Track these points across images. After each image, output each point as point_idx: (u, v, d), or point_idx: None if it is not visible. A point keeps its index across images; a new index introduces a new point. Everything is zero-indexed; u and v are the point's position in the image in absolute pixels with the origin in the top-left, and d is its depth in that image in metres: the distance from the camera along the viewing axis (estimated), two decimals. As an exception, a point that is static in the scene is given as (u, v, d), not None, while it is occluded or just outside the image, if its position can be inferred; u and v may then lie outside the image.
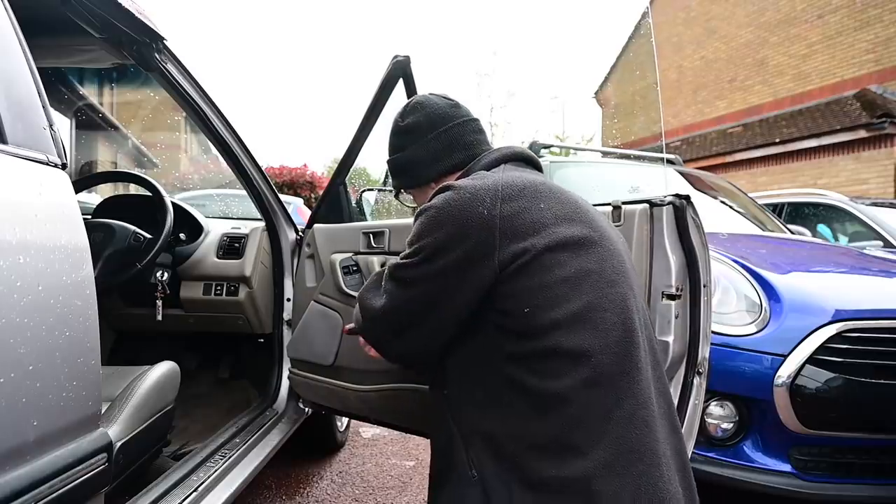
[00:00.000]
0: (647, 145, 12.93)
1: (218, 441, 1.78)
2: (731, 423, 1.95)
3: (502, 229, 0.91)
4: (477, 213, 0.91)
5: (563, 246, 0.92)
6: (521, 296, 0.90)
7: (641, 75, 14.36)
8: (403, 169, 1.19)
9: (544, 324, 0.89)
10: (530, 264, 0.90)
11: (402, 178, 1.20)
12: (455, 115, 1.16)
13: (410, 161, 1.17)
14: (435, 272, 0.94)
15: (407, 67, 1.80)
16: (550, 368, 0.89)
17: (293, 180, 12.21)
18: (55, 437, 0.86)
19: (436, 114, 1.15)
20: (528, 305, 0.90)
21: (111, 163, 9.40)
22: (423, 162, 1.15)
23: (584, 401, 0.88)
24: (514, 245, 0.90)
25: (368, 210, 2.56)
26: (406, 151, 1.17)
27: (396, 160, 1.20)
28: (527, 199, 0.94)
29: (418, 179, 1.17)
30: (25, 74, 0.93)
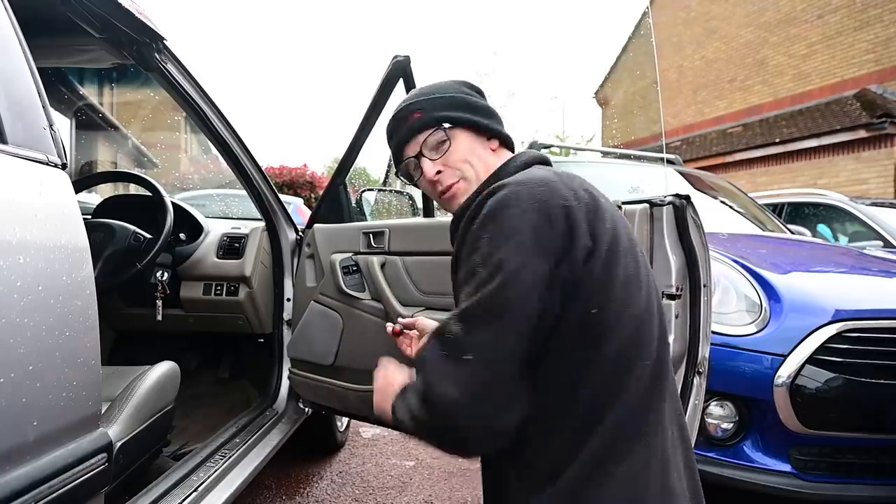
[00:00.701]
0: (647, 145, 12.94)
1: (218, 441, 1.78)
2: (731, 423, 1.95)
3: (580, 217, 0.82)
4: (557, 201, 0.82)
5: (621, 235, 0.87)
6: (592, 293, 0.81)
7: (641, 75, 14.36)
8: (481, 110, 1.05)
9: (609, 326, 0.82)
10: (606, 254, 0.83)
11: (478, 115, 1.04)
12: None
13: (488, 108, 1.06)
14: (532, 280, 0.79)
15: (407, 67, 1.80)
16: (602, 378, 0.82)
17: (293, 180, 12.22)
18: (55, 437, 0.86)
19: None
20: (597, 305, 0.81)
21: (111, 163, 9.39)
22: (500, 120, 1.07)
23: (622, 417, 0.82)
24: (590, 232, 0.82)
25: (368, 210, 2.56)
26: (483, 100, 1.08)
27: (477, 100, 1.06)
28: (588, 187, 0.90)
29: (490, 126, 1.04)
30: (25, 74, 0.93)
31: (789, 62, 11.38)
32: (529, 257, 0.79)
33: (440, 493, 2.45)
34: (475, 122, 1.02)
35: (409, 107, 1.05)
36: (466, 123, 1.02)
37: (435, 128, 1.01)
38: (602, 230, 0.84)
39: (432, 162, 1.02)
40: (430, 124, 1.02)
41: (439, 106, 1.03)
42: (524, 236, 0.80)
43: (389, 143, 1.09)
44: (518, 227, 0.81)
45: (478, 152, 1.02)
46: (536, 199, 0.82)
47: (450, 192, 1.03)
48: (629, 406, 0.83)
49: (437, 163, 1.02)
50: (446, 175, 1.02)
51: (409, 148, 1.05)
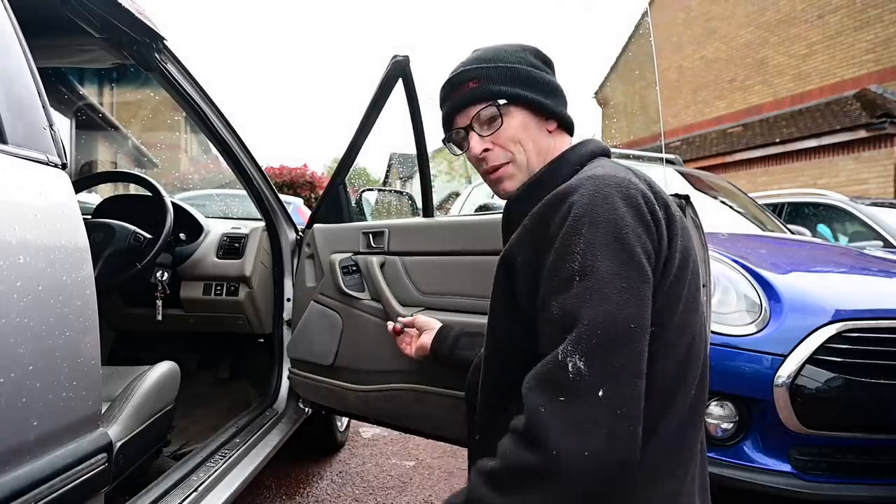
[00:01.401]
0: (647, 145, 12.94)
1: (218, 441, 1.78)
2: (731, 423, 1.95)
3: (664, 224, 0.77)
4: (641, 205, 0.76)
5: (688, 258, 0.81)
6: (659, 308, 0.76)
7: (641, 75, 14.35)
8: (546, 87, 0.95)
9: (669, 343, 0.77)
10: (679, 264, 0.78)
11: (535, 91, 0.94)
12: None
13: (558, 88, 0.98)
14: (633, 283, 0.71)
15: (406, 67, 1.80)
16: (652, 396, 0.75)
17: (293, 180, 12.24)
18: (55, 437, 0.86)
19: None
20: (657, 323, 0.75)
21: (111, 163, 9.40)
22: (564, 98, 0.98)
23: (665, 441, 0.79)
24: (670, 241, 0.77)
25: (368, 210, 2.56)
26: (548, 75, 0.98)
27: (540, 74, 0.96)
28: (659, 190, 0.83)
29: (550, 106, 0.95)
30: (25, 74, 0.93)
31: (789, 62, 11.38)
32: (639, 266, 0.72)
33: (440, 493, 2.45)
34: (534, 101, 0.93)
35: (466, 73, 0.96)
36: (524, 101, 0.93)
37: (489, 103, 0.93)
38: (676, 241, 0.79)
39: (481, 138, 0.94)
40: (484, 98, 0.93)
41: (497, 78, 0.94)
42: (630, 241, 0.72)
43: (441, 106, 1.01)
44: (620, 229, 0.72)
45: (532, 133, 0.94)
46: (632, 201, 0.75)
47: (496, 173, 0.95)
48: (671, 430, 0.80)
49: (486, 140, 0.94)
50: (494, 154, 0.94)
51: (460, 118, 0.97)
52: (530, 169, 0.94)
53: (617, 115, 16.67)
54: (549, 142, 0.95)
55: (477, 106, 0.94)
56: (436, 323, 1.38)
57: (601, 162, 0.89)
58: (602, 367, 0.66)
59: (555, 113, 0.96)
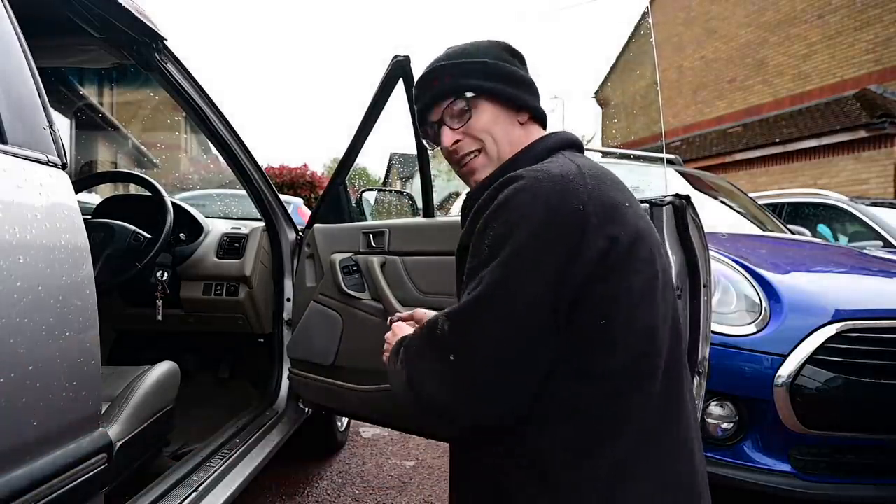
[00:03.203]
0: (647, 145, 12.94)
1: (218, 441, 1.78)
2: (731, 423, 1.95)
3: (594, 222, 0.78)
4: (569, 203, 0.78)
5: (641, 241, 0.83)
6: (600, 304, 0.78)
7: (641, 75, 14.35)
8: (513, 80, 0.97)
9: (617, 337, 0.79)
10: (617, 262, 0.79)
11: (507, 85, 0.96)
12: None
13: (529, 82, 0.99)
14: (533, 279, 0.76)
15: (407, 67, 1.80)
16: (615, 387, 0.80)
17: (293, 180, 12.24)
18: (55, 437, 0.86)
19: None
20: (605, 316, 0.78)
21: (111, 163, 9.40)
22: (534, 90, 1.00)
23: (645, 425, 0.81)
24: (603, 238, 0.78)
25: (368, 210, 2.56)
26: (517, 69, 0.99)
27: (509, 68, 0.98)
28: (610, 188, 0.84)
29: (519, 97, 0.97)
30: (25, 74, 0.93)
31: (789, 62, 11.38)
32: (531, 266, 0.76)
33: (440, 493, 2.45)
34: (502, 92, 0.96)
35: (435, 71, 0.99)
36: (493, 93, 0.95)
37: (457, 97, 0.96)
38: (617, 238, 0.79)
39: (452, 131, 0.97)
40: (453, 92, 0.96)
41: (466, 72, 0.96)
42: (529, 242, 0.77)
43: (416, 103, 1.04)
44: (524, 230, 0.77)
45: (502, 124, 0.96)
46: (547, 201, 0.78)
47: (468, 165, 0.98)
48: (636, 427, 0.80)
49: (458, 132, 0.97)
50: (465, 143, 0.97)
51: (433, 113, 1.00)
52: (500, 159, 0.96)
53: (617, 115, 16.67)
54: (520, 134, 0.97)
55: (447, 100, 0.97)
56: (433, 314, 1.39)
57: (557, 157, 0.90)
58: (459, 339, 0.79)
59: (525, 104, 0.98)
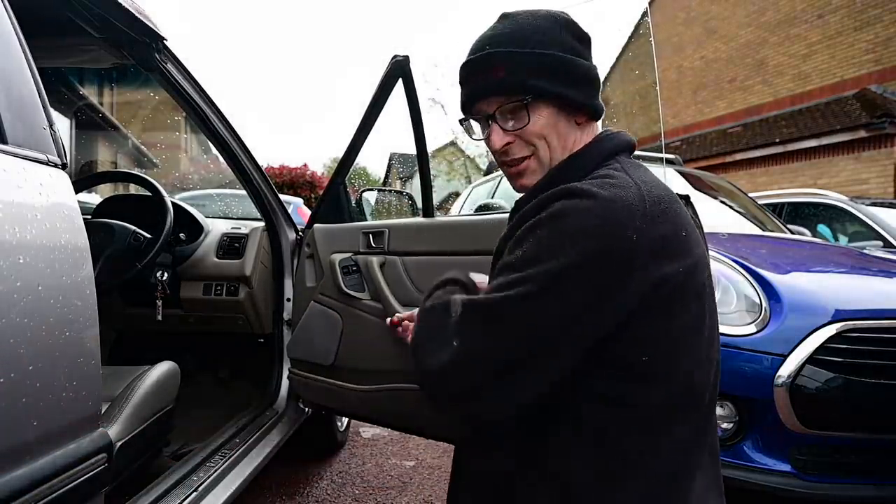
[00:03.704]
0: (647, 145, 12.94)
1: (218, 441, 1.78)
2: (731, 423, 1.95)
3: (644, 259, 0.72)
4: (624, 236, 0.71)
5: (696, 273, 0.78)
6: (644, 341, 0.75)
7: (641, 75, 14.35)
8: (580, 79, 0.86)
9: (659, 374, 0.77)
10: (666, 300, 0.75)
11: (568, 85, 0.85)
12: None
13: (593, 77, 0.88)
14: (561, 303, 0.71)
15: (406, 67, 1.80)
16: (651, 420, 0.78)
17: (293, 180, 12.24)
18: (55, 437, 0.86)
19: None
20: (649, 354, 0.76)
21: (111, 163, 9.41)
22: (597, 84, 0.89)
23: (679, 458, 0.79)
24: (656, 274, 0.73)
25: (368, 210, 2.56)
26: (588, 62, 0.88)
27: (576, 63, 0.86)
28: (670, 215, 0.76)
29: (586, 96, 0.87)
30: (25, 74, 0.93)
31: (789, 62, 11.38)
32: (568, 291, 0.71)
33: (440, 493, 2.45)
34: (565, 96, 0.85)
35: (493, 57, 0.85)
36: (555, 96, 0.85)
37: (516, 98, 0.85)
38: (669, 276, 0.74)
39: (504, 132, 0.87)
40: (511, 90, 0.85)
41: (528, 67, 0.84)
42: (574, 266, 0.71)
43: (462, 85, 0.91)
44: (572, 252, 0.71)
45: (560, 129, 0.87)
46: (603, 227, 0.71)
47: (517, 167, 0.89)
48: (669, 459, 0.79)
49: (510, 134, 0.87)
50: (516, 147, 0.88)
51: (482, 104, 0.88)
52: (553, 164, 0.88)
53: (617, 114, 16.65)
54: (575, 135, 0.88)
55: (502, 97, 0.86)
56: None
57: (615, 167, 0.83)
58: (468, 330, 0.76)
59: (585, 105, 0.88)
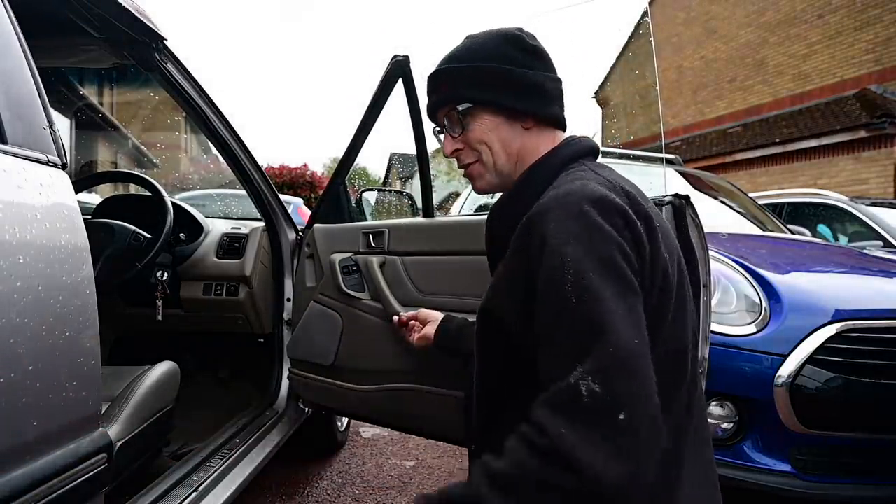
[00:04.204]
0: (647, 145, 12.94)
1: (218, 441, 1.78)
2: (731, 423, 1.95)
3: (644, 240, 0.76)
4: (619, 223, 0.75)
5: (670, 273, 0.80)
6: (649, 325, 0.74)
7: (641, 75, 14.34)
8: (509, 84, 0.92)
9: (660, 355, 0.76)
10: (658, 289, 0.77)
11: (501, 93, 0.92)
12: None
13: (534, 84, 0.92)
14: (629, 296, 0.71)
15: (406, 67, 1.80)
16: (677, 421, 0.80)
17: (293, 180, 12.25)
18: (55, 437, 0.86)
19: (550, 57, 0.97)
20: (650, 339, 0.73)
21: (111, 163, 9.41)
22: (536, 91, 0.92)
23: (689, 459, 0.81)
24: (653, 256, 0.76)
25: (368, 210, 2.56)
26: (522, 70, 0.92)
27: (511, 73, 0.92)
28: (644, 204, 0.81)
29: (531, 105, 0.92)
30: (25, 74, 0.93)
31: (789, 62, 11.38)
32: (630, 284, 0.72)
33: (440, 493, 2.45)
34: (497, 102, 0.92)
35: (440, 73, 0.97)
36: (490, 104, 0.92)
37: (453, 107, 0.94)
38: (660, 255, 0.78)
39: (452, 139, 0.96)
40: (449, 101, 0.95)
41: (464, 80, 0.93)
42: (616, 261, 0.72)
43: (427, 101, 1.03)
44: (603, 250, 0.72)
45: (501, 135, 0.93)
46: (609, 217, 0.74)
47: (468, 172, 0.98)
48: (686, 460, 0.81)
49: (457, 140, 0.96)
50: (464, 154, 0.96)
51: (437, 115, 1.00)
52: (498, 169, 0.94)
53: (617, 114, 16.66)
54: (523, 140, 0.93)
55: (445, 109, 0.96)
56: (438, 315, 1.41)
57: (578, 170, 0.86)
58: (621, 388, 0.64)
59: (526, 111, 0.92)
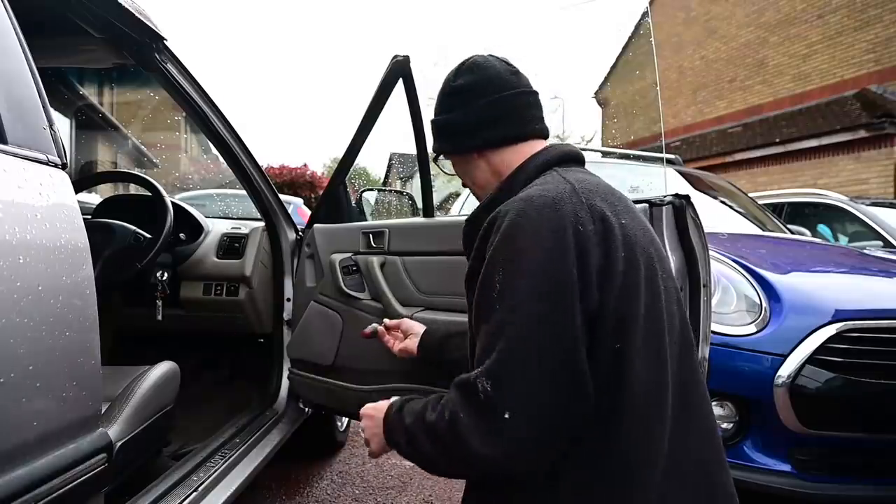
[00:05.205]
0: (647, 145, 12.94)
1: (218, 441, 1.78)
2: (732, 423, 1.95)
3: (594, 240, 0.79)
4: (568, 227, 0.79)
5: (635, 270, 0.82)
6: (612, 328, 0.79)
7: (641, 75, 14.35)
8: (448, 132, 1.06)
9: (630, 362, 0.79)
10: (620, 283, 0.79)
11: (444, 142, 1.07)
12: (513, 84, 1.02)
13: (456, 125, 1.04)
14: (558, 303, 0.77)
15: (406, 67, 1.80)
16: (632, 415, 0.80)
17: (293, 180, 12.24)
18: (55, 437, 0.86)
19: (493, 78, 1.02)
20: (620, 340, 0.79)
21: (111, 163, 9.40)
22: (469, 128, 1.02)
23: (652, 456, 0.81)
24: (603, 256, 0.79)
25: (368, 210, 2.56)
26: (453, 114, 1.04)
27: (440, 122, 1.07)
28: (606, 206, 0.85)
29: (461, 146, 1.04)
30: (25, 74, 0.93)
31: (789, 62, 11.37)
32: (556, 293, 0.76)
33: (440, 493, 2.45)
34: (447, 151, 1.08)
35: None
36: (445, 152, 1.08)
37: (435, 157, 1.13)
38: (616, 258, 0.80)
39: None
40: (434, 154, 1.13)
41: (434, 133, 1.09)
42: (542, 272, 0.77)
43: None
44: (534, 262, 0.78)
45: (467, 170, 1.06)
46: (546, 227, 0.79)
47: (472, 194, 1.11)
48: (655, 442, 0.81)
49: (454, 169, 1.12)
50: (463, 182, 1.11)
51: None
52: (485, 187, 1.04)
53: (617, 114, 16.66)
54: (486, 164, 1.03)
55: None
56: (420, 328, 1.39)
57: (549, 175, 0.93)
58: (508, 392, 0.76)
59: (458, 151, 1.06)
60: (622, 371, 0.79)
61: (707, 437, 0.89)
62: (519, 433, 0.75)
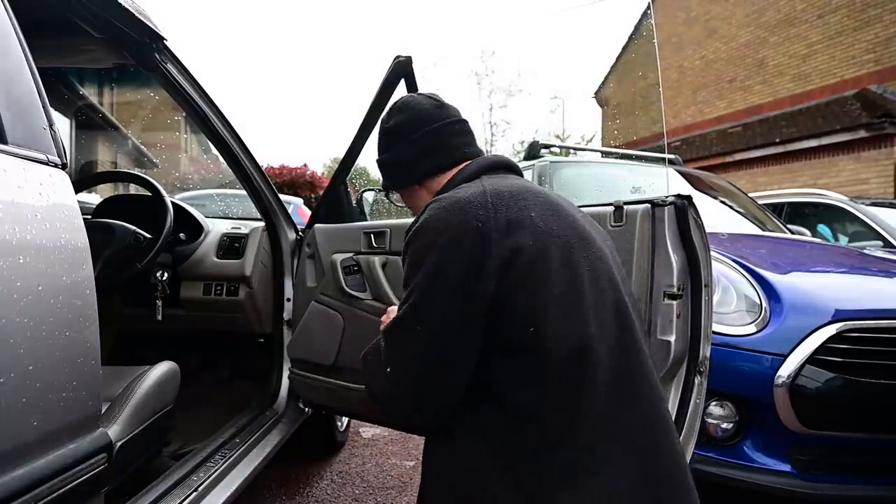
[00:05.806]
0: (647, 145, 12.93)
1: (218, 441, 1.78)
2: (731, 423, 1.95)
3: (496, 237, 0.88)
4: (469, 223, 0.89)
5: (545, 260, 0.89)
6: (522, 313, 0.87)
7: (642, 75, 14.36)
8: (388, 170, 1.20)
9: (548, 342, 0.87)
10: (528, 271, 0.87)
11: (388, 179, 1.21)
12: (439, 116, 1.13)
13: (395, 162, 1.17)
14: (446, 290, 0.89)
15: (409, 68, 1.80)
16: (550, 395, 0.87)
17: (293, 180, 12.23)
18: (55, 437, 0.86)
19: (420, 114, 1.13)
20: (532, 324, 0.87)
21: (111, 163, 9.41)
22: (406, 163, 1.14)
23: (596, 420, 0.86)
24: (508, 244, 0.88)
25: (369, 210, 2.56)
26: (391, 152, 1.16)
27: (382, 161, 1.20)
28: (512, 204, 0.93)
29: (402, 181, 1.17)
30: (25, 74, 0.93)
31: (789, 62, 11.37)
32: (441, 283, 0.89)
33: (440, 493, 2.45)
34: (392, 188, 1.22)
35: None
36: (391, 189, 1.23)
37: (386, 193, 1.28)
38: (521, 244, 0.88)
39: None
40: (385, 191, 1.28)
41: (380, 172, 1.22)
42: (436, 262, 0.89)
43: None
44: (432, 253, 0.90)
45: (414, 200, 1.18)
46: (449, 223, 0.90)
47: None
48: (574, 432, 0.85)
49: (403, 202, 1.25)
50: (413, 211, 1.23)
51: None
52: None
53: (618, 114, 16.66)
54: (423, 194, 1.14)
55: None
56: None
57: (462, 188, 1.01)
58: (390, 353, 0.94)
59: (398, 186, 1.19)
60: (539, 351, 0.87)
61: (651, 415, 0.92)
62: (394, 389, 0.94)
